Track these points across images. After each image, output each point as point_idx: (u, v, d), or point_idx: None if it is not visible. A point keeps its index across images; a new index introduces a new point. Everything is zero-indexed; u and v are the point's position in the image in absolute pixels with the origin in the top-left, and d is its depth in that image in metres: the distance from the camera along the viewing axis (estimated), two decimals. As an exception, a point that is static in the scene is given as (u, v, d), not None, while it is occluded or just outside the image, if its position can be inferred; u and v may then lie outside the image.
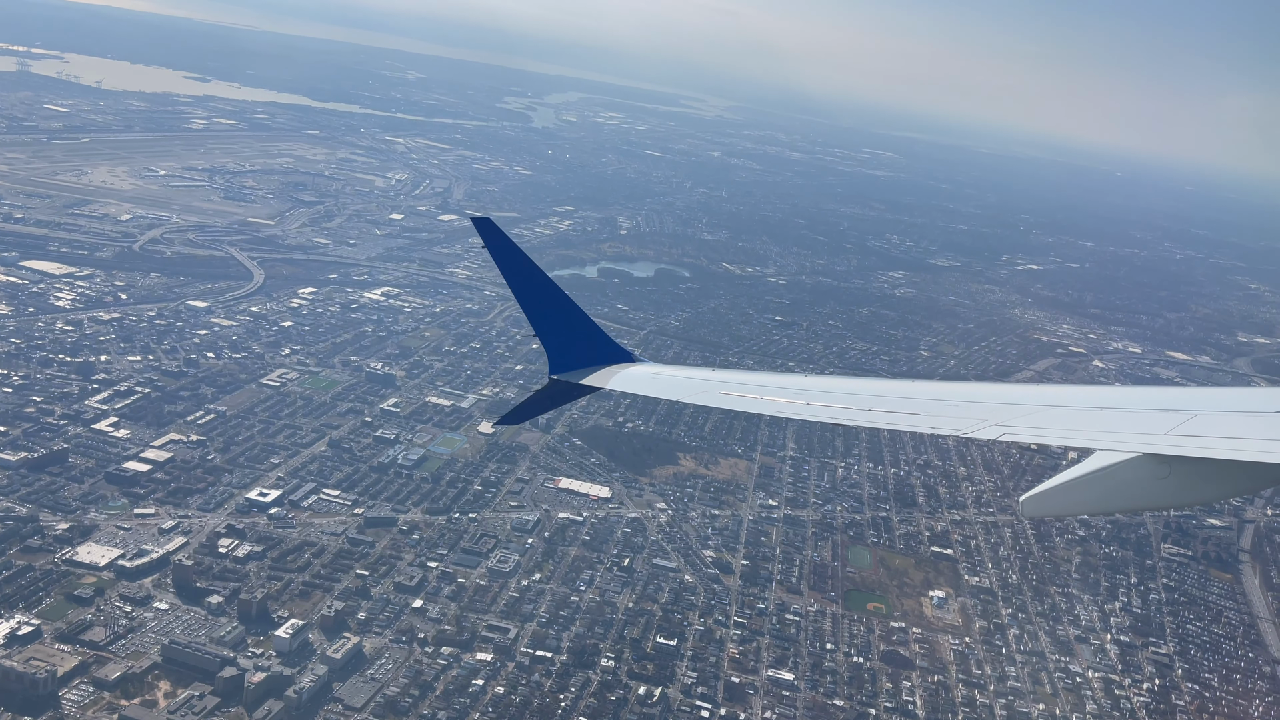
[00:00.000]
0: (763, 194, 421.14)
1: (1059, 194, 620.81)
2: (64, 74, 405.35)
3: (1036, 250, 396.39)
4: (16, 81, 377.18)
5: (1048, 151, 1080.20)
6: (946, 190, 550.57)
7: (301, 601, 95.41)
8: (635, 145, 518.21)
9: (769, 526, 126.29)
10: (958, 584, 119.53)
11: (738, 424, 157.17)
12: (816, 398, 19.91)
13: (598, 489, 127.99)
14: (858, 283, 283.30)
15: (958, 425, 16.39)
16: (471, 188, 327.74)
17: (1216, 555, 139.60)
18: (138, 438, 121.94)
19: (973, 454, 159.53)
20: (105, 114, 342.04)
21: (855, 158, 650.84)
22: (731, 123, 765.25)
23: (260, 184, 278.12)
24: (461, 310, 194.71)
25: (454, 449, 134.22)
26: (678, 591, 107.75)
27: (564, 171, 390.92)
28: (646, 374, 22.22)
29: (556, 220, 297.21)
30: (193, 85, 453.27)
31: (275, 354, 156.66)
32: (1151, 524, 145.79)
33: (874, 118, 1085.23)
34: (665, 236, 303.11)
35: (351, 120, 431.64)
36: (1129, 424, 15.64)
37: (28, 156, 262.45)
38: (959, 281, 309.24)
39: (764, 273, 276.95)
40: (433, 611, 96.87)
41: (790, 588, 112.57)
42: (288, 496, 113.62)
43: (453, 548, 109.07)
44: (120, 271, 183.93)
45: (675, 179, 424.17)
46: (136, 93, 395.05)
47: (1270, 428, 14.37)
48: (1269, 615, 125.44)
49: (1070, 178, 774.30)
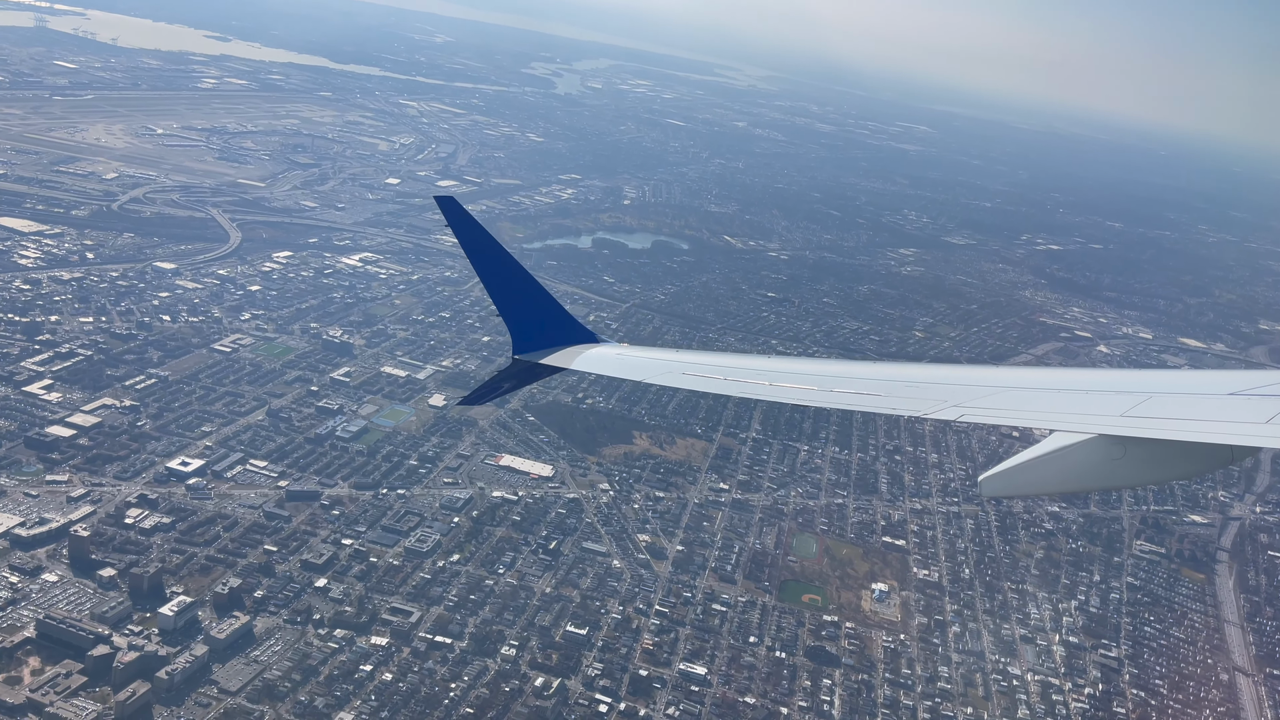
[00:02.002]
0: (782, 166, 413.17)
1: (1094, 172, 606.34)
2: (81, 30, 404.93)
3: (1060, 230, 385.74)
4: (32, 37, 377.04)
5: (1091, 129, 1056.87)
6: (976, 166, 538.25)
7: (201, 577, 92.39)
8: (658, 114, 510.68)
9: (715, 511, 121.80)
10: (904, 577, 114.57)
11: (703, 403, 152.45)
12: (780, 379, 19.91)
13: (540, 467, 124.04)
14: (863, 259, 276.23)
15: (918, 406, 16.60)
16: (477, 153, 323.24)
17: (1191, 554, 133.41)
18: (68, 402, 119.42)
19: (947, 440, 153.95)
20: (114, 71, 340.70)
21: (887, 131, 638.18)
22: (764, 93, 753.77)
23: (258, 145, 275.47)
24: (439, 278, 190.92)
25: (399, 421, 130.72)
26: (602, 577, 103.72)
27: (577, 139, 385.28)
28: (611, 354, 22.17)
29: (559, 189, 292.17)
30: (212, 44, 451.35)
31: (235, 319, 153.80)
32: (1127, 519, 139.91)
33: (914, 91, 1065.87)
34: (670, 207, 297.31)
35: (368, 83, 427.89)
36: (1086, 405, 15.82)
37: (25, 112, 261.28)
38: (971, 260, 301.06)
39: (767, 247, 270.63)
40: (335, 591, 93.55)
41: (724, 576, 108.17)
42: (211, 467, 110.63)
43: (373, 525, 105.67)
44: (93, 230, 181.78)
45: (693, 149, 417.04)
46: (151, 50, 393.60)
47: (1222, 409, 14.56)
48: (1238, 619, 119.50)
49: (1110, 155, 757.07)
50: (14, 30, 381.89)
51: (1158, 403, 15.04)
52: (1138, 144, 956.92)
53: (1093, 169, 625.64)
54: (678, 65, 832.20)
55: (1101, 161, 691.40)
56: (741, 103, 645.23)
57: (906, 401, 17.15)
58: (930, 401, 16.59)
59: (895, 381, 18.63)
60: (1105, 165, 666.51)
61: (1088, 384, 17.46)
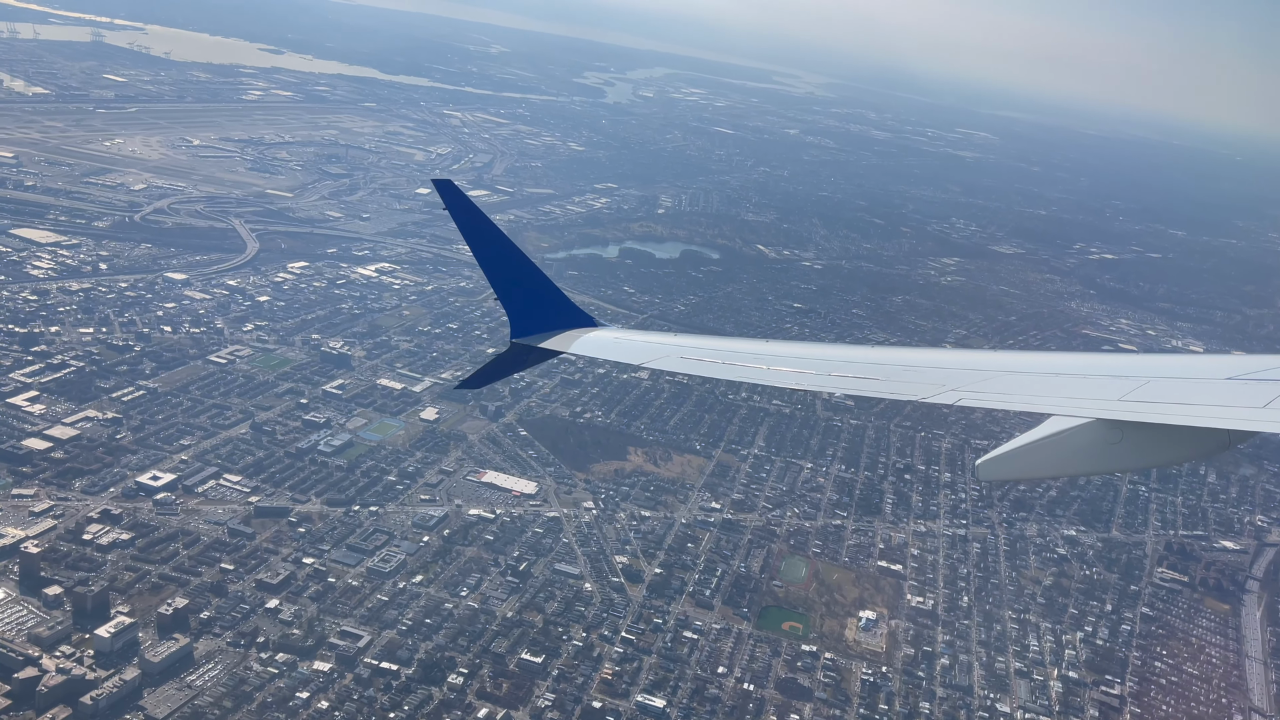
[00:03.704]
0: (829, 174, 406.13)
1: (1161, 179, 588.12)
2: (135, 45, 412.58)
3: (1116, 238, 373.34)
4: (87, 51, 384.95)
5: (1163, 134, 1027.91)
6: (1035, 173, 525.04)
7: (150, 596, 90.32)
8: (707, 122, 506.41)
9: (702, 532, 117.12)
10: (896, 604, 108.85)
11: (707, 418, 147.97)
12: (779, 363, 19.76)
13: (524, 484, 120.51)
14: (902, 269, 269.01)
15: (916, 391, 16.64)
16: (514, 163, 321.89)
17: (1217, 583, 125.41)
18: (51, 414, 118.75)
19: (964, 459, 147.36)
20: (162, 84, 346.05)
21: (945, 138, 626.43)
22: (821, 100, 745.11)
23: (292, 156, 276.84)
24: (453, 289, 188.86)
25: (386, 436, 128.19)
26: (570, 601, 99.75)
27: (620, 148, 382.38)
28: (609, 338, 22.20)
29: (593, 198, 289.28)
30: (264, 57, 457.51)
31: (237, 330, 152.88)
32: (1151, 544, 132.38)
33: (979, 97, 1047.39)
34: (705, 216, 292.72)
35: (414, 93, 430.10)
36: (1084, 389, 15.86)
37: (66, 125, 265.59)
38: (1017, 270, 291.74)
39: (801, 256, 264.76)
40: (286, 613, 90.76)
41: (701, 601, 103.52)
42: (182, 481, 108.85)
43: (338, 543, 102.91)
44: (112, 241, 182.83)
45: (738, 157, 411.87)
46: (202, 64, 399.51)
47: (1220, 394, 14.66)
48: (1261, 655, 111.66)
49: (1180, 161, 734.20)
50: (70, 45, 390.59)
51: (1156, 387, 15.09)
52: (1213, 149, 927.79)
53: (1160, 175, 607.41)
54: (735, 73, 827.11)
55: (1170, 167, 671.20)
56: (796, 110, 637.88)
57: (904, 386, 17.21)
58: (928, 386, 16.65)
59: (893, 365, 18.68)
60: (1174, 171, 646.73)
61: (1086, 368, 17.42)
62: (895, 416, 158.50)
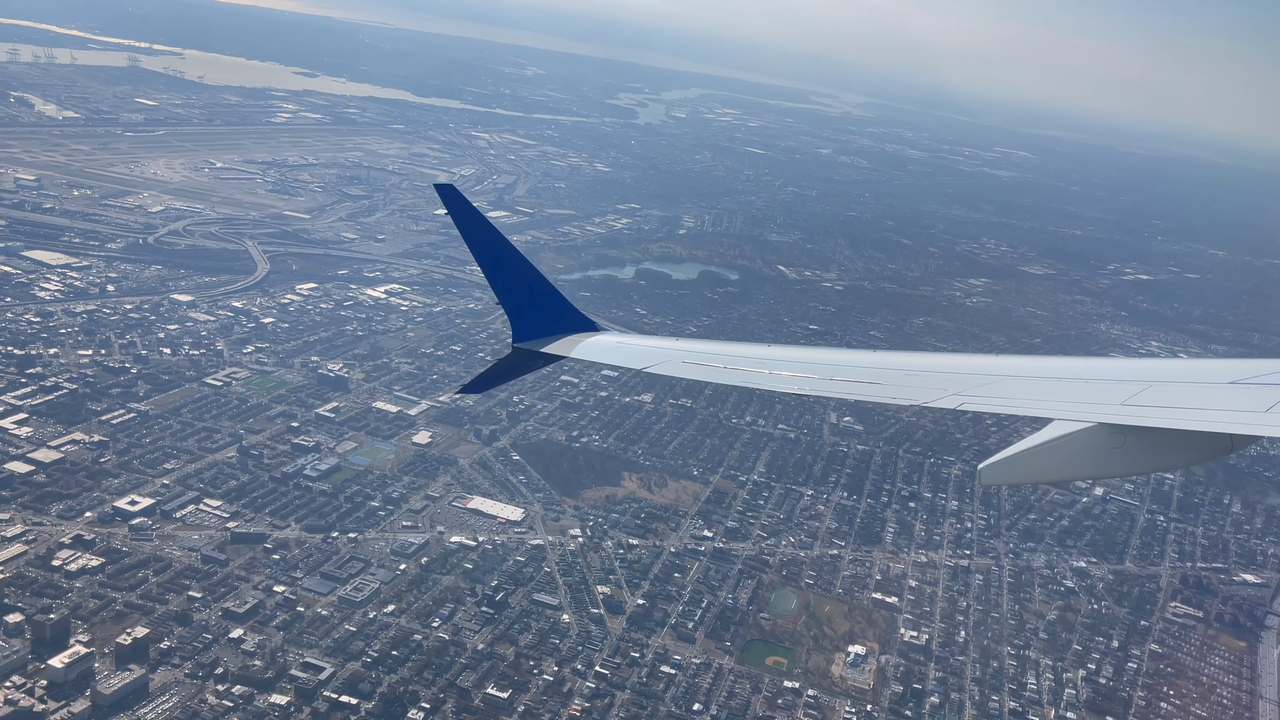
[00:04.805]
0: (858, 193, 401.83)
1: (1205, 198, 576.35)
2: (171, 69, 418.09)
3: (1154, 259, 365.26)
4: (122, 76, 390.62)
5: (1212, 153, 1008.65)
6: (1074, 192, 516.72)
7: (112, 625, 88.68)
8: (738, 142, 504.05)
9: (691, 561, 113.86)
10: (889, 639, 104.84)
11: (708, 442, 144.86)
12: (780, 367, 19.71)
13: (510, 510, 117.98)
14: (926, 290, 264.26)
15: (917, 395, 16.68)
16: (538, 184, 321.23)
17: (1234, 618, 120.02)
18: (38, 436, 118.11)
19: (974, 487, 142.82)
20: (192, 108, 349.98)
21: (983, 157, 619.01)
22: (857, 120, 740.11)
23: (314, 177, 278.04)
24: (461, 310, 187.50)
25: (375, 459, 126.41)
26: (545, 633, 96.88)
27: (647, 169, 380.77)
28: (611, 343, 22.21)
29: (614, 219, 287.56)
30: (298, 80, 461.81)
31: (237, 352, 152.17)
32: (1166, 576, 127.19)
33: (1020, 116, 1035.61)
34: (728, 237, 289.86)
35: (444, 115, 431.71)
36: (1086, 394, 15.84)
37: (92, 148, 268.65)
38: (1046, 291, 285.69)
39: (823, 277, 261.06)
40: (249, 643, 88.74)
41: (683, 634, 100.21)
42: (161, 506, 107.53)
43: (312, 571, 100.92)
44: (122, 263, 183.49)
45: (766, 177, 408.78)
46: (235, 87, 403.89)
47: (1222, 398, 14.71)
48: (1277, 696, 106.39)
49: (1227, 180, 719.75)
50: (107, 70, 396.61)
51: (1157, 391, 15.11)
52: (1262, 168, 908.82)
53: (1204, 194, 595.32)
54: (771, 93, 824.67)
55: (1216, 186, 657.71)
56: (831, 130, 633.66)
57: (905, 390, 17.23)
58: (929, 391, 16.61)
59: (895, 370, 18.73)
60: (1219, 190, 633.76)
61: (1088, 372, 17.33)
62: (905, 442, 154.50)
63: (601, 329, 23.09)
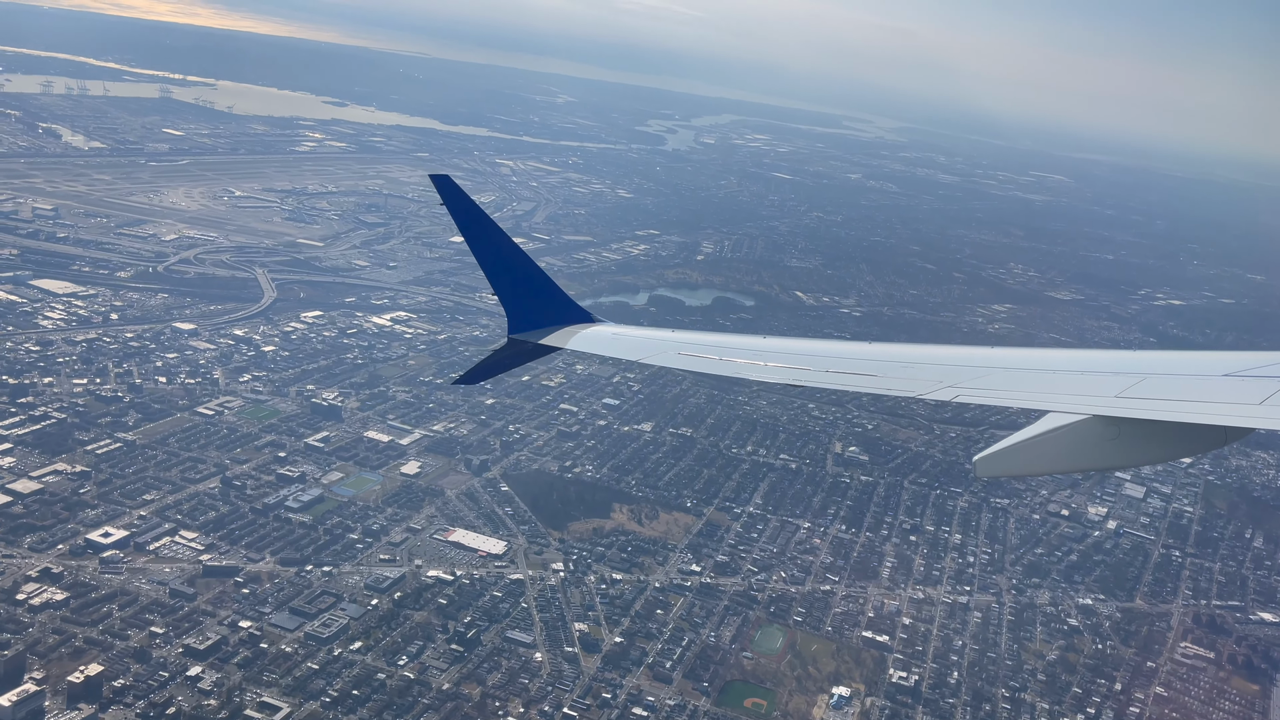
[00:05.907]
0: (885, 219, 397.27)
1: (1244, 221, 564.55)
2: (201, 100, 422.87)
3: (1187, 284, 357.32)
4: (152, 107, 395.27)
5: (1256, 175, 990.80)
6: (1109, 216, 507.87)
7: (69, 661, 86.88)
8: (766, 168, 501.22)
9: (676, 596, 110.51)
10: (876, 679, 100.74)
11: (705, 472, 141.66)
12: (775, 358, 19.55)
13: (492, 543, 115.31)
14: (948, 316, 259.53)
15: (913, 387, 16.66)
16: (558, 210, 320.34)
17: (1247, 660, 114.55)
18: (20, 467, 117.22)
19: (980, 520, 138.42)
20: (218, 137, 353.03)
21: (1016, 181, 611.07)
22: (889, 144, 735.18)
23: (332, 205, 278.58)
24: (466, 338, 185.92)
25: (360, 490, 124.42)
26: (516, 672, 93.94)
27: (670, 195, 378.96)
28: (607, 334, 22.31)
29: (631, 245, 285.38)
30: (327, 109, 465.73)
31: (234, 380, 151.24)
32: (1178, 615, 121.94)
33: (1057, 139, 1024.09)
34: (746, 263, 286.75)
35: (470, 143, 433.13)
36: (1080, 386, 16.03)
37: (114, 178, 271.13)
38: (1072, 317, 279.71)
39: (841, 303, 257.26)
40: (207, 682, 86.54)
41: (659, 674, 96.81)
42: (135, 538, 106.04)
43: (281, 605, 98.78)
44: (129, 292, 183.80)
45: (792, 202, 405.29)
46: (263, 117, 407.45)
47: (1215, 391, 14.76)
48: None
49: (1269, 203, 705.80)
50: (137, 100, 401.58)
51: (1152, 384, 15.17)
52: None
53: (1244, 217, 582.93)
54: (803, 119, 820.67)
55: (1257, 209, 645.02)
56: (862, 155, 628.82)
57: (901, 382, 17.16)
58: (925, 382, 16.67)
59: (891, 361, 18.79)
60: (1260, 213, 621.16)
61: (1084, 364, 17.55)
62: (911, 472, 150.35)
63: (598, 320, 23.17)
